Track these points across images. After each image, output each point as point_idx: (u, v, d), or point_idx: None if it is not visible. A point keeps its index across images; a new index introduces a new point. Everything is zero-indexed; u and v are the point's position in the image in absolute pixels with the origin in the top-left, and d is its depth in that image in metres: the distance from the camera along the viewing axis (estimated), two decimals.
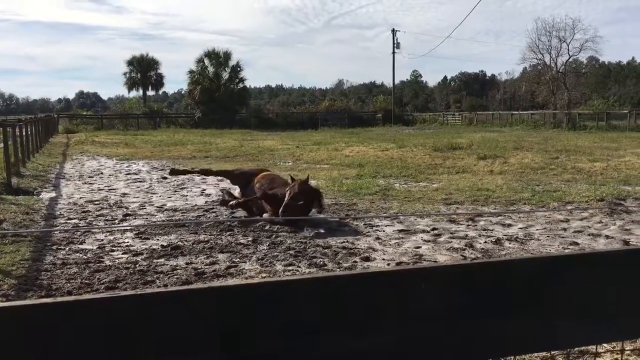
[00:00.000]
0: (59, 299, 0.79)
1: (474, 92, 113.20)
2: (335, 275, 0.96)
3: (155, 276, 5.98)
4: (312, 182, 13.23)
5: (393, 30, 64.75)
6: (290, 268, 6.33)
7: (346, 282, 0.92)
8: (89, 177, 15.49)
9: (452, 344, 0.98)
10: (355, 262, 6.58)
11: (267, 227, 8.29)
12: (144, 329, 0.80)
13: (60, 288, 5.53)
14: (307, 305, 0.90)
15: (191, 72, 59.90)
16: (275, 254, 6.91)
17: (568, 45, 53.24)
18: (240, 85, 60.81)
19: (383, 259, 6.71)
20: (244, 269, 6.32)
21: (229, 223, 8.70)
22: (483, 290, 0.99)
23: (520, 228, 8.12)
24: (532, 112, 55.02)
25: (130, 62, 70.58)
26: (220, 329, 0.84)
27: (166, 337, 0.82)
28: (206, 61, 59.95)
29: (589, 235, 7.64)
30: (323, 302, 0.91)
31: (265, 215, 8.95)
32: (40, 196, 11.82)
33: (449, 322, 0.98)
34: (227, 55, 59.98)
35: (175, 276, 5.98)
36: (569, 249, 6.97)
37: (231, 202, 9.33)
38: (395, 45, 64.29)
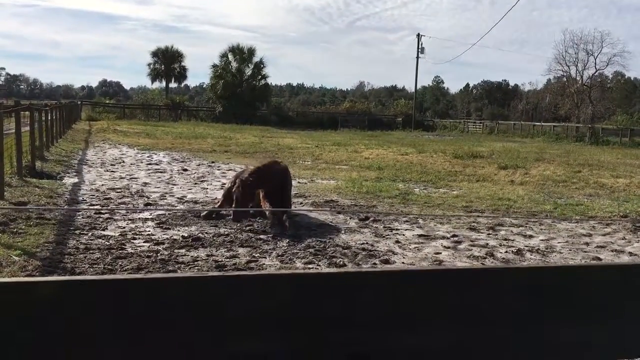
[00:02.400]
0: (149, 275, 0.80)
1: (495, 101, 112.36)
2: (403, 270, 0.96)
3: (176, 266, 6.02)
4: (331, 182, 13.28)
5: (418, 35, 64.58)
6: (310, 266, 6.34)
7: (413, 277, 0.93)
8: (111, 165, 15.65)
9: (520, 345, 0.98)
10: (375, 264, 6.57)
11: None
12: (231, 310, 0.81)
13: (84, 272, 5.59)
14: (376, 297, 0.91)
15: (214, 66, 60.24)
16: (295, 251, 6.92)
17: (595, 59, 52.72)
18: (263, 82, 61.02)
19: (403, 262, 6.69)
20: (264, 264, 6.34)
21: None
22: (552, 294, 0.98)
23: (541, 240, 8.04)
24: (554, 124, 54.47)
25: (155, 54, 71.16)
26: (301, 315, 0.84)
27: (249, 319, 0.83)
28: (230, 56, 60.27)
29: (612, 251, 7.55)
30: (390, 296, 0.92)
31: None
32: (64, 181, 11.97)
33: (516, 323, 0.97)
34: (251, 52, 60.24)
35: (196, 267, 6.02)
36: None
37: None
38: (419, 49, 64.07)
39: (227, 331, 0.83)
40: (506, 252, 7.32)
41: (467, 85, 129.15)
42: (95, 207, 9.30)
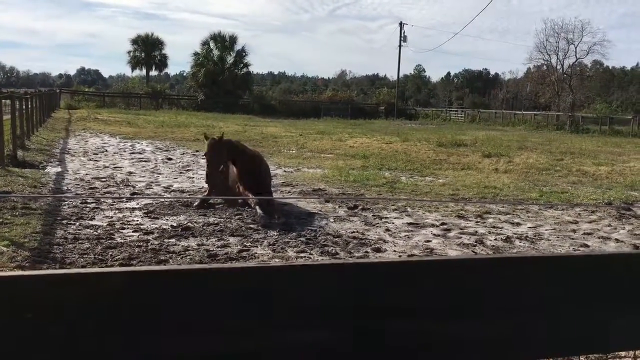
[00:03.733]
0: (196, 266, 0.78)
1: (476, 89, 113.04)
2: (447, 259, 0.95)
3: (168, 256, 5.97)
4: (318, 171, 13.25)
5: (401, 24, 64.61)
6: (302, 255, 6.33)
7: (474, 265, 0.92)
8: (94, 154, 15.45)
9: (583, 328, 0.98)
10: (367, 252, 6.59)
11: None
12: (280, 299, 0.79)
13: (74, 262, 5.52)
14: (425, 286, 0.89)
15: (196, 54, 59.66)
16: (287, 240, 6.90)
17: (576, 48, 53.19)
18: (245, 70, 60.63)
19: (394, 251, 6.71)
20: (255, 253, 6.32)
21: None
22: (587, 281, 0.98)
23: (529, 227, 8.13)
24: (535, 112, 54.97)
25: (135, 41, 70.08)
26: (363, 304, 0.83)
27: (298, 308, 0.81)
28: (211, 44, 59.72)
29: (598, 238, 7.66)
30: (434, 284, 0.90)
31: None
32: (47, 170, 11.78)
33: (552, 310, 0.97)
34: (233, 40, 59.79)
35: (188, 257, 5.98)
36: (579, 250, 6.99)
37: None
38: (401, 38, 64.08)
39: (290, 320, 0.82)
40: (495, 239, 7.38)
41: (449, 73, 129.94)
42: (96, 195, 9.16)
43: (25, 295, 0.71)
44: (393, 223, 8.12)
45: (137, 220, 7.58)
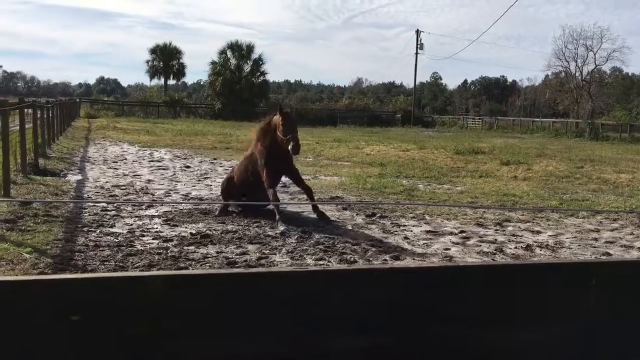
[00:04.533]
0: (240, 270, 0.78)
1: (494, 97, 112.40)
2: (504, 264, 0.95)
3: (187, 263, 6.00)
4: (335, 179, 13.27)
5: (417, 31, 64.55)
6: (321, 262, 6.33)
7: (515, 270, 0.91)
8: (113, 162, 15.61)
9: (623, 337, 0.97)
10: (386, 260, 6.56)
11: (293, 221, 8.27)
12: (325, 305, 0.80)
13: (95, 269, 5.57)
14: (482, 291, 0.89)
15: (213, 63, 60.16)
16: (305, 247, 6.90)
17: (595, 54, 52.74)
18: (261, 78, 60.99)
19: (413, 259, 6.68)
20: (274, 260, 6.33)
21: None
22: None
23: (550, 235, 8.04)
24: (553, 120, 54.52)
25: (153, 50, 70.95)
26: (405, 309, 0.83)
27: (344, 315, 0.81)
28: (229, 53, 60.20)
29: (621, 246, 7.55)
30: (492, 291, 0.90)
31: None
32: (67, 178, 11.93)
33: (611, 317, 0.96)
34: (250, 48, 60.18)
35: (207, 264, 6.00)
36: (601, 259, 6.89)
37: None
38: (418, 45, 64.01)
39: (330, 325, 0.82)
40: (515, 247, 7.31)
41: (465, 81, 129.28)
42: (132, 201, 9.26)
43: (71, 297, 0.73)
44: (411, 231, 8.08)
45: (157, 228, 7.64)
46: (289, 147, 8.26)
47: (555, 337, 0.97)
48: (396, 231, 8.03)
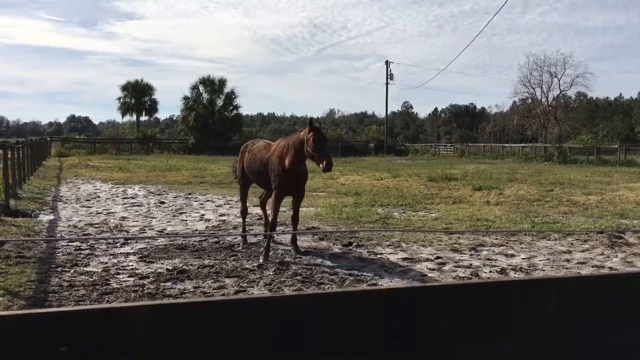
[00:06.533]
0: (228, 297, 0.83)
1: (464, 124, 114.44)
2: (474, 283, 1.01)
3: (164, 300, 5.95)
4: (311, 210, 13.31)
5: (387, 62, 65.64)
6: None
7: (480, 289, 0.98)
8: (86, 200, 15.43)
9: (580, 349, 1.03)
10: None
11: (270, 253, 8.26)
12: (308, 329, 0.84)
13: None
14: (456, 309, 0.95)
15: (185, 98, 60.19)
16: (283, 279, 6.91)
17: (559, 80, 54.24)
18: (235, 112, 61.12)
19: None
20: (252, 294, 6.31)
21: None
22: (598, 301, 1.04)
23: (523, 258, 8.18)
24: (522, 144, 55.60)
25: (125, 87, 70.68)
26: (380, 331, 0.88)
27: (328, 337, 0.86)
28: (201, 88, 60.35)
29: (592, 266, 7.71)
30: (466, 308, 0.96)
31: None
32: (39, 218, 11.75)
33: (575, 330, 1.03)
34: (222, 82, 60.44)
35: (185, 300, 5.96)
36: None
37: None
38: (388, 76, 65.08)
39: (311, 350, 0.86)
40: (490, 271, 7.42)
41: (436, 109, 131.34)
42: (106, 237, 9.14)
43: (58, 330, 0.76)
44: (388, 259, 8.15)
45: (132, 265, 7.57)
46: (322, 165, 7.85)
47: (519, 350, 1.03)
48: (373, 259, 8.09)
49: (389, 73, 65.20)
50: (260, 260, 7.74)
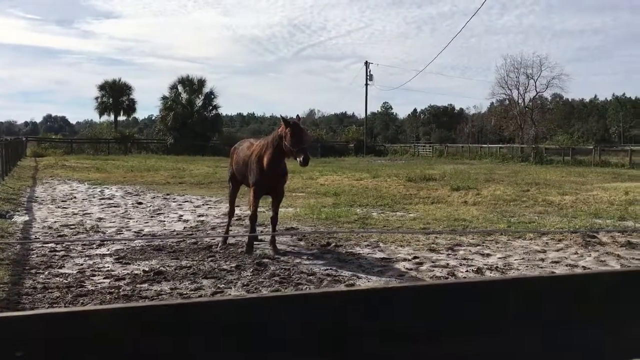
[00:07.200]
0: (190, 300, 0.83)
1: (443, 125, 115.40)
2: (435, 284, 1.03)
3: (140, 301, 5.90)
4: (290, 210, 13.31)
5: (366, 63, 65.94)
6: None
7: (443, 290, 0.99)
8: (62, 201, 15.22)
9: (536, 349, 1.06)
10: None
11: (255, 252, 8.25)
12: (273, 330, 0.85)
13: None
14: (413, 310, 0.96)
15: (164, 98, 59.76)
16: (260, 280, 6.90)
17: (535, 82, 55.05)
18: (214, 112, 60.86)
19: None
20: (230, 294, 6.29)
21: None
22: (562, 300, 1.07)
23: (499, 258, 8.28)
24: (500, 145, 56.30)
25: (102, 87, 69.87)
26: (331, 333, 0.89)
27: (283, 339, 0.86)
28: (180, 88, 59.96)
29: (566, 265, 7.84)
30: (427, 309, 0.98)
31: None
32: (14, 219, 11.57)
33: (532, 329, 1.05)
34: (201, 82, 60.12)
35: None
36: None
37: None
38: (367, 77, 65.31)
39: (270, 351, 0.87)
40: (467, 271, 7.50)
41: (415, 110, 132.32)
42: (81, 239, 9.02)
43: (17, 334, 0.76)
44: (366, 259, 8.18)
45: (108, 267, 7.49)
46: (299, 159, 7.92)
47: (482, 350, 1.05)
48: (351, 259, 8.12)
49: (368, 74, 65.50)
50: (244, 250, 7.93)
